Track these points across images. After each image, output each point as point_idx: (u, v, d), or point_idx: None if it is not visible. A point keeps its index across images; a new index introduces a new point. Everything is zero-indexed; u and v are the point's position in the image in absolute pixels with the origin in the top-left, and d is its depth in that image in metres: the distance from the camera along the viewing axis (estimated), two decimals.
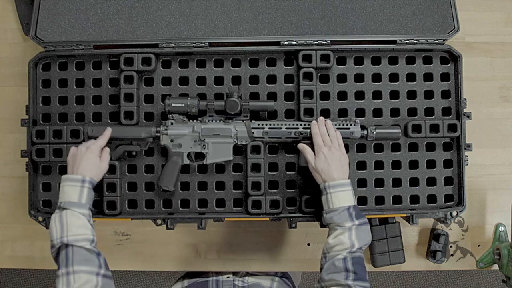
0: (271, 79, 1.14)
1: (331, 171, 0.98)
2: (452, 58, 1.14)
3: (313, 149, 1.03)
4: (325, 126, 1.05)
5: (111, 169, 1.10)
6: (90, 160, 0.98)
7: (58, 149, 1.10)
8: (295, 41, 1.12)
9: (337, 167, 0.98)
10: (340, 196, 0.96)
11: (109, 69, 1.14)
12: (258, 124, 1.09)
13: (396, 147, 1.14)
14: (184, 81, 1.14)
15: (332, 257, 0.90)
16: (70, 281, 0.83)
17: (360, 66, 1.14)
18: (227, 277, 1.15)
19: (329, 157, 0.99)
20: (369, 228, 0.96)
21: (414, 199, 1.14)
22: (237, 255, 1.22)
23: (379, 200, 1.14)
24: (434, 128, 1.11)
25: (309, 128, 1.07)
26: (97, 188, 1.12)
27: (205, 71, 1.14)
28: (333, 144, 1.02)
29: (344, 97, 1.14)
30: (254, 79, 1.14)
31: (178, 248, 1.23)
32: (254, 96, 1.14)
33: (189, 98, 1.07)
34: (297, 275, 1.36)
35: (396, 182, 1.14)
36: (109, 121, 1.13)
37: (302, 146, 1.04)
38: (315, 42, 1.11)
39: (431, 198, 1.14)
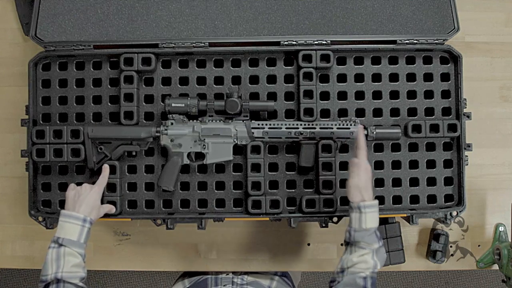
0: (271, 79, 1.14)
1: (369, 190, 0.97)
2: (452, 58, 1.14)
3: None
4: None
5: (111, 170, 1.09)
6: (93, 201, 1.00)
7: (58, 149, 1.10)
8: (295, 41, 1.12)
9: (371, 186, 0.98)
10: (373, 216, 0.95)
11: (109, 69, 1.14)
12: (258, 124, 1.09)
13: (396, 147, 1.14)
14: (184, 81, 1.14)
15: (353, 273, 0.91)
16: None
17: (360, 66, 1.14)
18: (226, 275, 1.16)
19: (369, 175, 0.98)
20: (384, 249, 0.97)
21: (414, 199, 1.14)
22: (237, 255, 1.22)
23: (379, 200, 1.13)
24: (434, 128, 1.11)
25: (309, 128, 1.07)
26: None
27: (205, 71, 1.14)
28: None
29: (344, 97, 1.14)
30: (254, 79, 1.14)
31: (178, 248, 1.23)
32: (254, 96, 1.14)
33: (189, 98, 1.07)
34: (296, 274, 1.36)
35: (396, 182, 1.14)
36: (109, 121, 1.13)
37: (353, 162, 0.99)
38: (315, 42, 1.11)
39: (431, 198, 1.14)
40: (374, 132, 1.08)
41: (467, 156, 1.13)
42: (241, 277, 1.15)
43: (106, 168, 1.08)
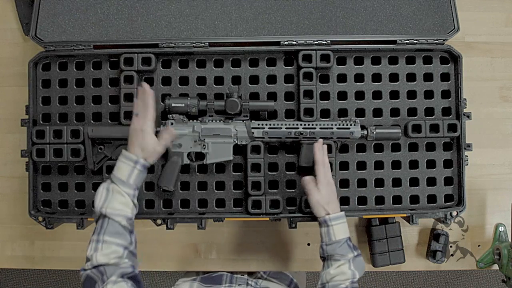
0: (271, 79, 1.14)
1: (334, 202, 0.99)
2: (452, 58, 1.14)
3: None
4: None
5: (111, 170, 1.09)
6: (144, 140, 0.95)
7: (58, 149, 1.10)
8: (295, 41, 1.12)
9: (336, 198, 1.00)
10: (341, 228, 0.97)
11: (109, 69, 1.14)
12: (258, 124, 1.09)
13: (396, 147, 1.14)
14: (184, 81, 1.14)
15: (333, 286, 0.92)
16: (98, 247, 0.87)
17: (360, 66, 1.14)
18: (242, 275, 1.16)
19: (332, 188, 1.00)
20: (362, 258, 0.98)
21: (414, 199, 1.14)
22: (237, 255, 1.22)
23: (379, 200, 1.14)
24: (434, 128, 1.11)
25: (309, 128, 1.07)
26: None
27: (205, 71, 1.14)
28: (328, 172, 1.01)
29: (344, 97, 1.14)
30: (254, 79, 1.14)
31: (178, 248, 1.23)
32: (254, 96, 1.14)
33: (189, 98, 1.07)
34: (301, 285, 1.35)
35: (396, 182, 1.14)
36: (109, 121, 1.13)
37: (306, 180, 1.01)
38: (315, 42, 1.11)
39: (431, 198, 1.14)
40: (374, 132, 1.08)
41: (467, 156, 1.13)
42: (256, 280, 1.14)
43: (144, 92, 0.97)
